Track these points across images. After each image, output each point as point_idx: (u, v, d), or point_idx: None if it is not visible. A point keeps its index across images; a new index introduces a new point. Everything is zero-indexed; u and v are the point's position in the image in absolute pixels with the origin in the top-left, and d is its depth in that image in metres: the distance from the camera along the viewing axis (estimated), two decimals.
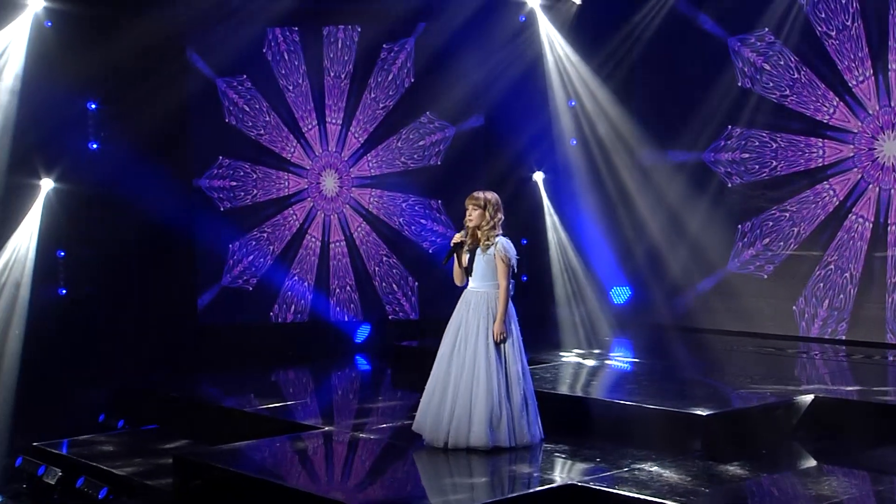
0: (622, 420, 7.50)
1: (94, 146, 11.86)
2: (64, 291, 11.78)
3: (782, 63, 11.66)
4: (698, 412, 7.22)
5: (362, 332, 12.86)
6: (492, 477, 6.47)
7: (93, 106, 11.86)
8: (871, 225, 11.12)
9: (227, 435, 8.39)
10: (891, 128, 10.85)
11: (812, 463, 7.09)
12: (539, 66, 12.83)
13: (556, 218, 12.73)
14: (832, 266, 11.45)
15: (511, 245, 6.90)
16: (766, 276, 12.04)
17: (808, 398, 7.79)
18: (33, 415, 10.22)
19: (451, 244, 6.94)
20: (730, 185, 12.26)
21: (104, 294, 11.83)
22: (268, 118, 12.96)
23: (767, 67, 11.78)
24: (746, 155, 12.13)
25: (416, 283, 13.05)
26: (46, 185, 11.40)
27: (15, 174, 11.12)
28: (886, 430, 7.40)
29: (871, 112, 10.99)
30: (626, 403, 7.73)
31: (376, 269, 13.08)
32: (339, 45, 13.06)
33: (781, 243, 11.90)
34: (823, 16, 11.28)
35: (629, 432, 7.31)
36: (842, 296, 11.38)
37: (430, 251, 13.14)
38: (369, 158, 13.18)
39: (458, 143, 13.15)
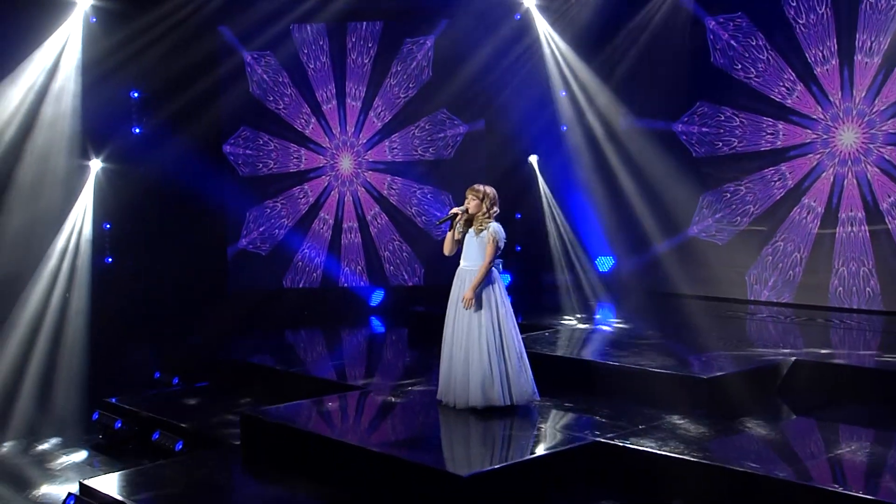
0: (630, 382, 7.45)
1: (137, 130, 11.88)
2: (110, 260, 11.87)
3: (754, 45, 11.43)
4: (701, 375, 7.25)
5: (377, 297, 12.86)
6: (520, 435, 6.52)
7: (135, 94, 11.88)
8: (822, 207, 11.04)
9: (275, 393, 8.55)
10: (849, 118, 10.72)
11: (793, 417, 7.19)
12: (538, 61, 12.69)
13: (549, 195, 12.69)
14: (784, 240, 11.42)
15: (502, 229, 6.97)
16: (722, 244, 11.97)
17: (790, 360, 7.82)
18: (96, 373, 10.35)
19: (449, 213, 7.00)
20: (695, 155, 12.14)
21: (144, 262, 11.96)
22: (290, 94, 12.80)
23: (739, 49, 11.57)
24: (712, 130, 11.97)
25: (423, 270, 12.98)
26: (95, 165, 11.51)
27: (71, 157, 11.26)
28: (857, 388, 7.46)
29: (832, 101, 10.85)
30: (633, 367, 7.66)
31: (387, 253, 13.00)
32: (363, 37, 12.87)
33: (738, 218, 11.80)
34: (795, 3, 11.04)
35: (636, 393, 7.29)
36: (791, 268, 11.36)
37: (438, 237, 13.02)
38: (387, 144, 13.06)
39: (469, 140, 13.02)
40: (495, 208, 6.98)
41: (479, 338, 6.83)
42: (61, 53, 10.89)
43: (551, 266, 12.70)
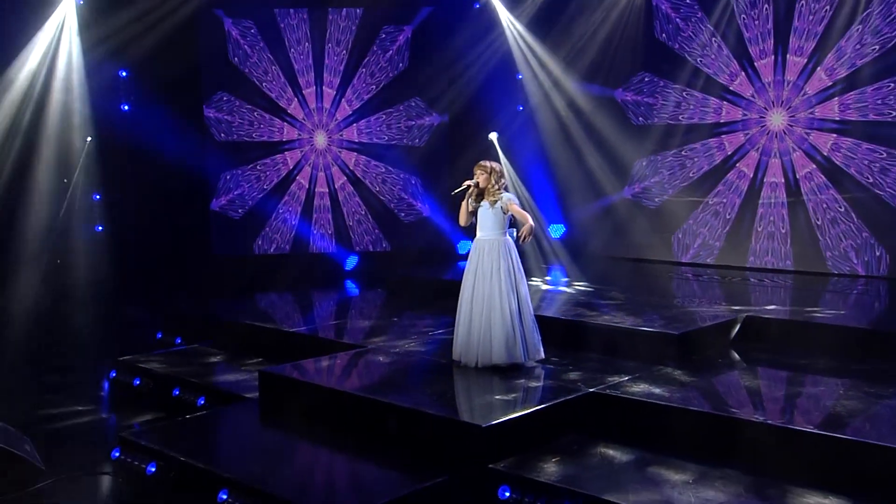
0: (610, 339, 7.49)
1: (126, 108, 11.56)
2: (100, 228, 11.59)
3: (700, 27, 11.50)
4: (671, 332, 7.35)
5: (351, 262, 12.76)
6: (524, 389, 6.48)
7: (123, 73, 11.54)
8: (749, 178, 11.28)
9: (277, 351, 8.43)
10: (780, 102, 10.92)
11: (745, 366, 7.26)
12: (503, 46, 12.64)
13: (510, 168, 12.59)
14: (712, 206, 11.60)
15: (514, 196, 7.06)
16: (653, 208, 12.16)
17: (742, 316, 7.98)
18: (98, 334, 10.14)
19: (462, 185, 6.95)
20: (634, 123, 12.26)
21: (132, 229, 11.71)
22: (269, 67, 12.50)
23: (687, 31, 11.63)
24: (652, 100, 12.08)
25: (389, 246, 12.92)
26: (86, 140, 11.22)
27: (65, 132, 10.93)
28: (799, 338, 7.66)
29: (766, 85, 11.01)
30: (613, 325, 7.70)
31: (355, 225, 12.90)
32: (342, 22, 12.64)
33: (670, 184, 11.97)
34: None
35: (616, 349, 7.36)
36: (716, 232, 11.60)
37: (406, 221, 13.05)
38: (360, 126, 12.90)
39: (438, 129, 13.01)
40: (503, 180, 7.02)
41: (500, 302, 6.82)
42: (59, 36, 10.55)
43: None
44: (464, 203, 7.00)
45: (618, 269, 11.69)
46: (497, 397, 6.24)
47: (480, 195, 6.98)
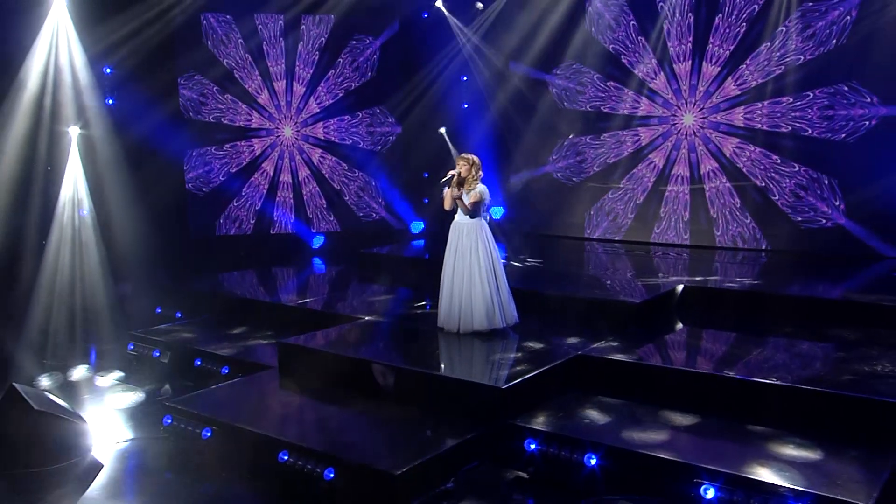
0: (582, 308, 7.53)
1: (111, 102, 11.04)
2: (84, 213, 11.07)
3: (630, 25, 11.38)
4: (632, 300, 7.54)
5: (317, 241, 12.56)
6: (517, 352, 6.58)
7: (108, 70, 11.01)
8: (658, 167, 11.33)
9: (274, 323, 8.36)
10: (692, 104, 11.02)
11: (685, 327, 7.51)
12: (458, 54, 12.50)
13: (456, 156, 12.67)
14: (624, 189, 11.62)
15: (486, 189, 7.13)
16: (571, 186, 12.08)
17: (681, 286, 8.13)
18: (102, 310, 9.75)
19: (449, 174, 7.07)
20: (560, 107, 12.13)
21: (114, 211, 11.23)
22: (243, 56, 12.01)
23: (615, 25, 11.52)
24: (580, 87, 11.96)
25: (339, 224, 12.65)
26: (74, 131, 10.65)
27: (55, 124, 10.40)
28: (725, 303, 7.80)
29: (682, 87, 11.03)
30: (579, 296, 7.77)
31: (314, 217, 12.60)
32: (315, 28, 12.29)
33: (588, 166, 11.89)
34: (667, 3, 10.99)
35: (587, 317, 7.40)
36: (626, 212, 11.62)
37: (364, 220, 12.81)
38: (326, 125, 12.57)
39: (399, 139, 12.79)
40: (480, 172, 7.12)
41: (479, 276, 6.98)
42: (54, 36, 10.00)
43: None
44: (447, 190, 7.12)
45: (550, 245, 11.63)
46: (505, 361, 6.37)
47: (461, 183, 7.09)
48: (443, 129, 12.57)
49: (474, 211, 7.08)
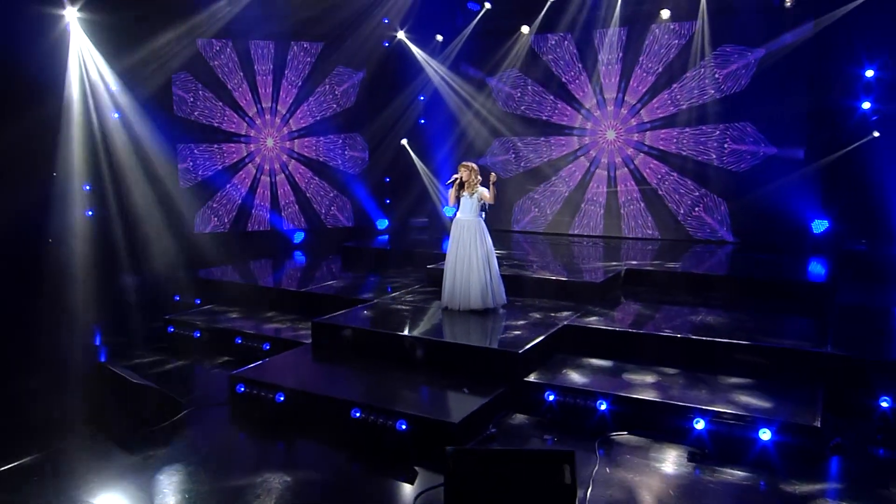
0: (550, 289, 8.00)
1: (116, 115, 10.78)
2: (90, 213, 10.78)
3: (569, 49, 11.44)
4: (595, 280, 7.94)
5: (298, 236, 12.51)
6: (518, 323, 6.86)
7: (112, 88, 10.73)
8: (582, 170, 11.70)
9: (293, 308, 8.41)
10: (614, 123, 11.43)
11: (625, 301, 7.86)
12: (423, 81, 12.61)
13: (419, 162, 12.76)
14: (550, 186, 11.86)
15: (486, 190, 7.40)
16: (508, 178, 12.03)
17: (624, 268, 8.61)
18: (126, 299, 9.53)
19: (452, 178, 7.38)
20: (504, 110, 12.17)
21: (118, 210, 10.97)
22: (234, 67, 11.80)
23: (554, 45, 11.62)
24: (519, 94, 12.05)
25: (309, 224, 12.63)
26: (79, 140, 10.35)
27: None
28: (659, 283, 8.37)
29: (608, 107, 11.41)
30: (551, 278, 8.08)
31: (287, 225, 12.48)
32: (302, 55, 12.18)
33: (513, 164, 12.10)
34: (599, 32, 11.19)
35: (559, 295, 7.90)
36: (548, 206, 11.87)
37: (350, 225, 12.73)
38: (305, 142, 12.46)
39: (372, 162, 12.75)
40: (479, 177, 7.47)
41: (477, 264, 7.39)
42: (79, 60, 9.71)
43: (419, 212, 12.95)
44: (451, 190, 7.47)
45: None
46: (514, 332, 6.74)
47: (462, 186, 7.46)
48: (404, 141, 12.74)
49: (482, 206, 7.45)
